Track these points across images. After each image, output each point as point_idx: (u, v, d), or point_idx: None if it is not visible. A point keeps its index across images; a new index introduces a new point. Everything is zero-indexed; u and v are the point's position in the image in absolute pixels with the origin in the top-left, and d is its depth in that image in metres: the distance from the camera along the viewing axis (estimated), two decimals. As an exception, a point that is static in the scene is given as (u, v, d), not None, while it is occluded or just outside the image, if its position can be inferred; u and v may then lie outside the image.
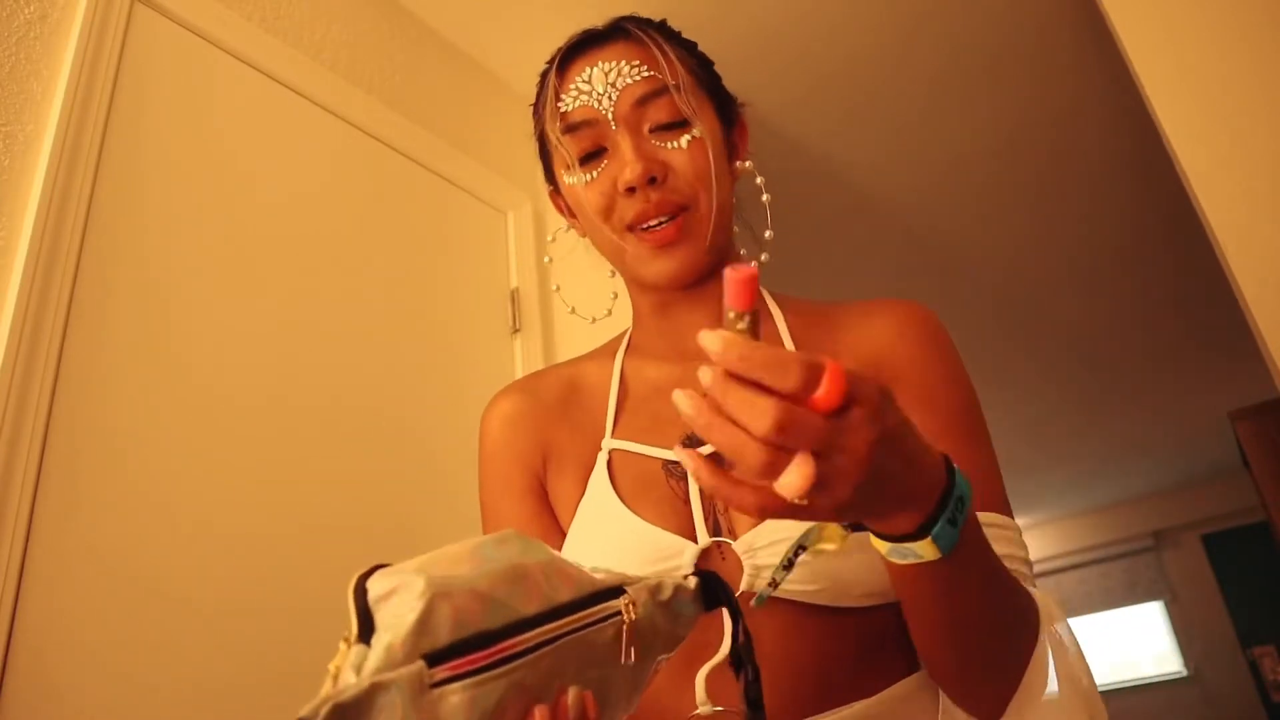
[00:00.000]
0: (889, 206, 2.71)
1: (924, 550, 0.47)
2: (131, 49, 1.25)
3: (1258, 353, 1.20)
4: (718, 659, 0.62)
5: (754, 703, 0.48)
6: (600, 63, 0.73)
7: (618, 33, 0.76)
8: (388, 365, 1.48)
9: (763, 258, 0.81)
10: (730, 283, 0.41)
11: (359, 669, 0.33)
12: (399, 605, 0.35)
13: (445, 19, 1.87)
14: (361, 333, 1.45)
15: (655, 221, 0.71)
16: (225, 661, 1.08)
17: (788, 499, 0.40)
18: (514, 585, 0.39)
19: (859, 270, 3.04)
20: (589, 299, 0.90)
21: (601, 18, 0.79)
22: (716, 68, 0.81)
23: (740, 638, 0.49)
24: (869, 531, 0.50)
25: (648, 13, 0.81)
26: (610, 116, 0.72)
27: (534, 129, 0.81)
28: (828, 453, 0.40)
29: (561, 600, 0.41)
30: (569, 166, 0.75)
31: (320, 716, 0.30)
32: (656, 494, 0.70)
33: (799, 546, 0.53)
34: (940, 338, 0.73)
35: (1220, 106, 1.25)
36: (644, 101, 0.72)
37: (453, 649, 0.35)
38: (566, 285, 0.90)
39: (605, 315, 0.84)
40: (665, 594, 0.47)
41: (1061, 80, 2.25)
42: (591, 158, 0.74)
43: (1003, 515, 0.65)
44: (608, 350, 0.85)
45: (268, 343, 1.30)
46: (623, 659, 0.43)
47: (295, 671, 1.11)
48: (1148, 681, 6.32)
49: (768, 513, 0.42)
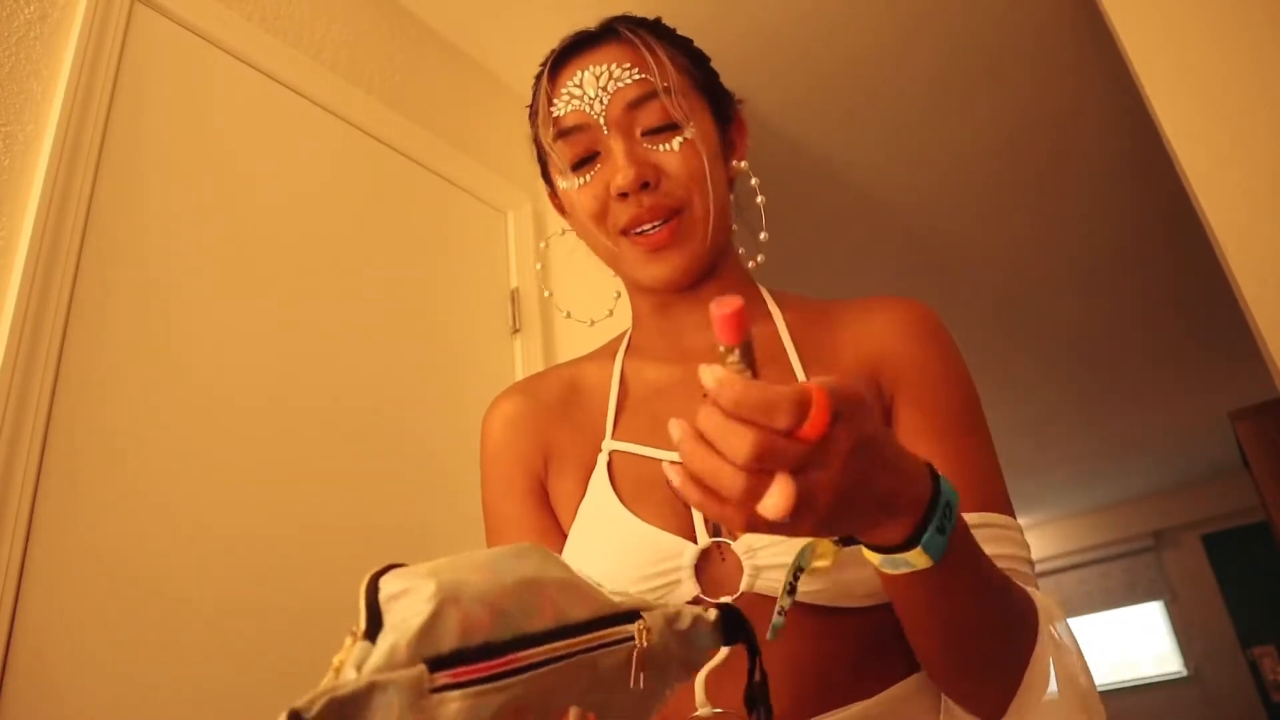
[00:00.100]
0: (889, 206, 2.71)
1: (916, 560, 0.47)
2: (131, 49, 1.25)
3: (1258, 353, 1.20)
4: (718, 660, 0.62)
5: (763, 708, 0.48)
6: (591, 66, 0.73)
7: (609, 34, 0.75)
8: (388, 365, 1.48)
9: (759, 259, 0.81)
10: (716, 319, 0.41)
11: (360, 666, 0.33)
12: (408, 607, 0.35)
13: (445, 19, 1.87)
14: (361, 333, 1.45)
15: (649, 226, 0.71)
16: (225, 661, 1.08)
17: (772, 519, 0.41)
18: (526, 600, 0.39)
19: (859, 270, 3.04)
20: (590, 299, 0.90)
21: (602, 17, 0.78)
22: (717, 68, 0.81)
23: (757, 676, 0.49)
24: (860, 545, 0.50)
25: (647, 12, 0.81)
26: (602, 121, 0.72)
27: (531, 131, 0.81)
28: (805, 469, 0.41)
29: (575, 619, 0.41)
30: (563, 173, 0.75)
31: (316, 708, 0.29)
32: (657, 495, 0.70)
33: (797, 568, 0.54)
34: (940, 335, 0.73)
35: (1220, 106, 1.25)
36: (635, 105, 0.72)
37: (456, 656, 0.35)
38: (567, 285, 0.90)
39: (607, 315, 0.84)
40: (683, 623, 0.46)
41: (1061, 80, 2.25)
42: (585, 162, 0.73)
43: (1004, 515, 0.65)
44: (608, 351, 0.85)
45: (268, 343, 1.30)
46: (631, 684, 0.42)
47: (295, 671, 1.11)
48: (1148, 681, 6.32)
49: (753, 529, 0.43)
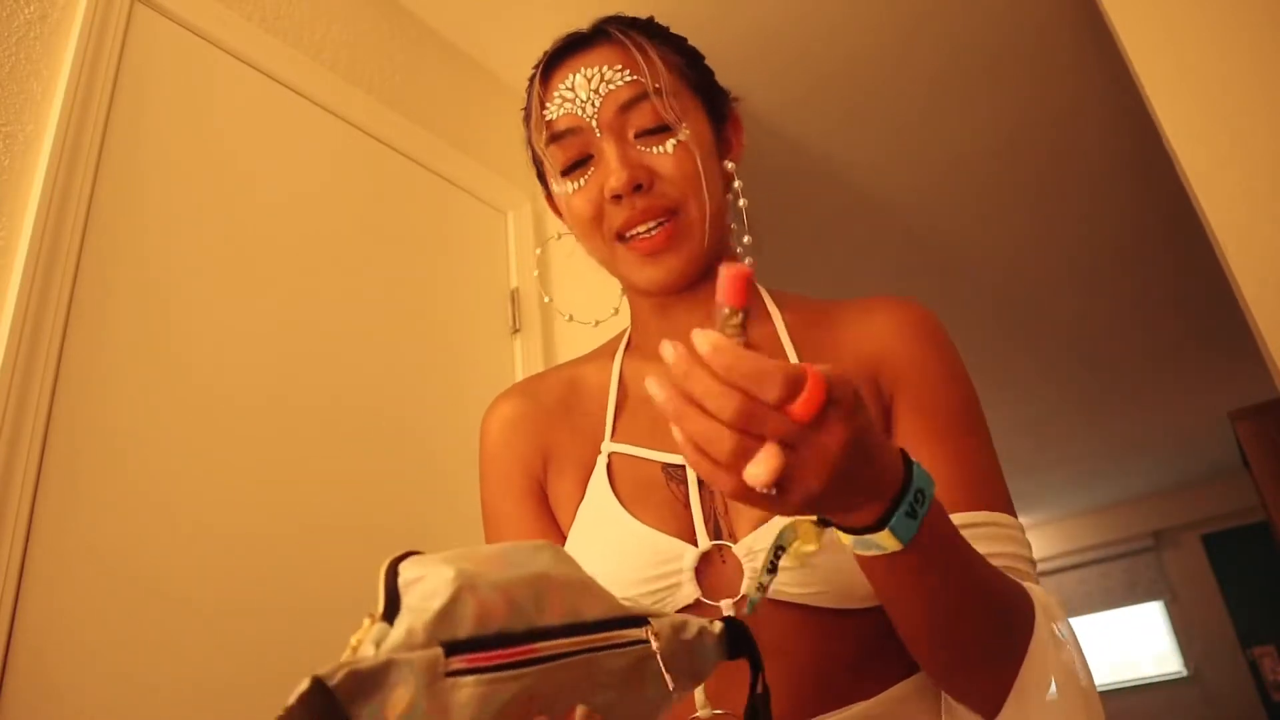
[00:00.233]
0: (889, 206, 2.71)
1: (885, 541, 0.48)
2: (131, 49, 1.25)
3: (1258, 353, 1.20)
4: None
5: (761, 712, 0.48)
6: (583, 69, 0.72)
7: (600, 35, 0.75)
8: (388, 365, 1.48)
9: (747, 262, 0.81)
10: (725, 278, 0.42)
11: (379, 644, 0.34)
12: (426, 591, 0.36)
13: (445, 19, 1.87)
14: (361, 333, 1.45)
15: (644, 228, 0.71)
16: (225, 661, 1.08)
17: (754, 488, 0.41)
18: (539, 594, 0.39)
19: (859, 270, 3.04)
20: (590, 299, 0.90)
21: (601, 16, 0.78)
22: (717, 68, 0.81)
23: (760, 688, 0.49)
24: (834, 528, 0.51)
25: (647, 12, 0.80)
26: (594, 124, 0.71)
27: (525, 136, 0.81)
28: (798, 447, 0.42)
29: (586, 618, 0.41)
30: (556, 177, 0.75)
31: (336, 679, 0.30)
32: (657, 497, 0.70)
33: (778, 548, 0.54)
34: (939, 336, 0.73)
35: (1220, 106, 1.25)
36: (628, 107, 0.71)
37: (472, 643, 0.35)
38: (567, 286, 0.90)
39: (613, 314, 0.84)
40: (689, 634, 0.46)
41: (1061, 80, 2.25)
42: (578, 165, 0.73)
43: (1004, 514, 0.65)
44: (607, 351, 0.85)
45: (268, 343, 1.30)
46: (669, 687, 0.43)
47: (295, 671, 1.10)
48: (1148, 681, 6.32)
49: (740, 498, 0.43)
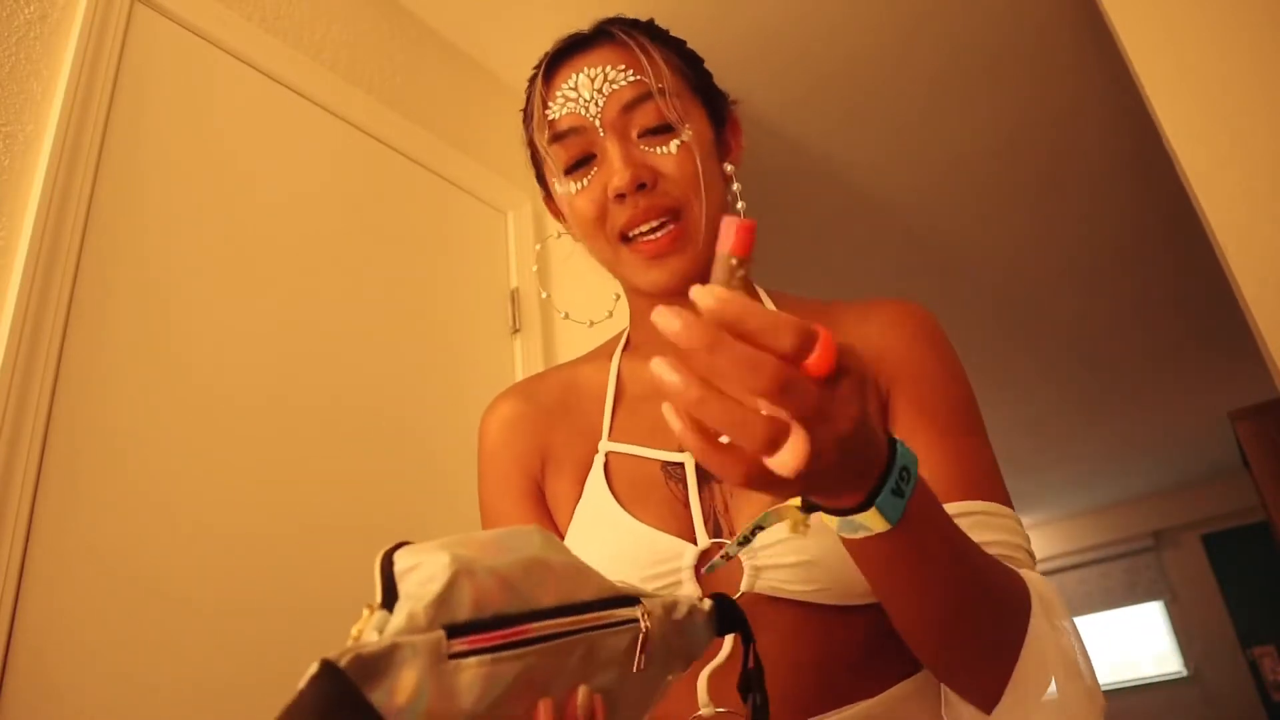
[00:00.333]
0: (889, 206, 2.71)
1: (871, 521, 0.46)
2: (131, 49, 1.25)
3: (1258, 353, 1.20)
4: (718, 661, 0.62)
5: (760, 711, 0.48)
6: (586, 68, 0.73)
7: (603, 36, 0.75)
8: (388, 365, 1.48)
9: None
10: (731, 227, 0.38)
11: (381, 630, 0.34)
12: (423, 577, 0.36)
13: (445, 19, 1.87)
14: (361, 333, 1.45)
15: (646, 227, 0.71)
16: (225, 661, 1.08)
17: (782, 476, 0.38)
18: (533, 577, 0.39)
19: (859, 270, 3.04)
20: (589, 300, 0.90)
21: (601, 17, 0.78)
22: (717, 69, 0.81)
23: (751, 663, 0.49)
24: (820, 511, 0.48)
25: (647, 13, 0.81)
26: (598, 123, 0.72)
27: (525, 137, 0.80)
28: (815, 423, 0.39)
29: (580, 598, 0.41)
30: (559, 177, 0.75)
31: (343, 663, 0.30)
32: (656, 496, 0.70)
33: (756, 526, 0.51)
34: (936, 336, 0.73)
35: (1220, 106, 1.25)
36: (631, 107, 0.72)
37: (472, 625, 0.35)
38: (567, 287, 0.90)
39: (607, 317, 0.84)
40: (680, 613, 0.47)
41: (1061, 80, 2.25)
42: (581, 165, 0.73)
43: (1001, 505, 0.65)
44: (605, 351, 0.85)
45: (268, 343, 1.30)
46: (635, 667, 0.43)
47: (295, 671, 1.10)
48: (1148, 681, 6.32)
49: (752, 484, 0.40)
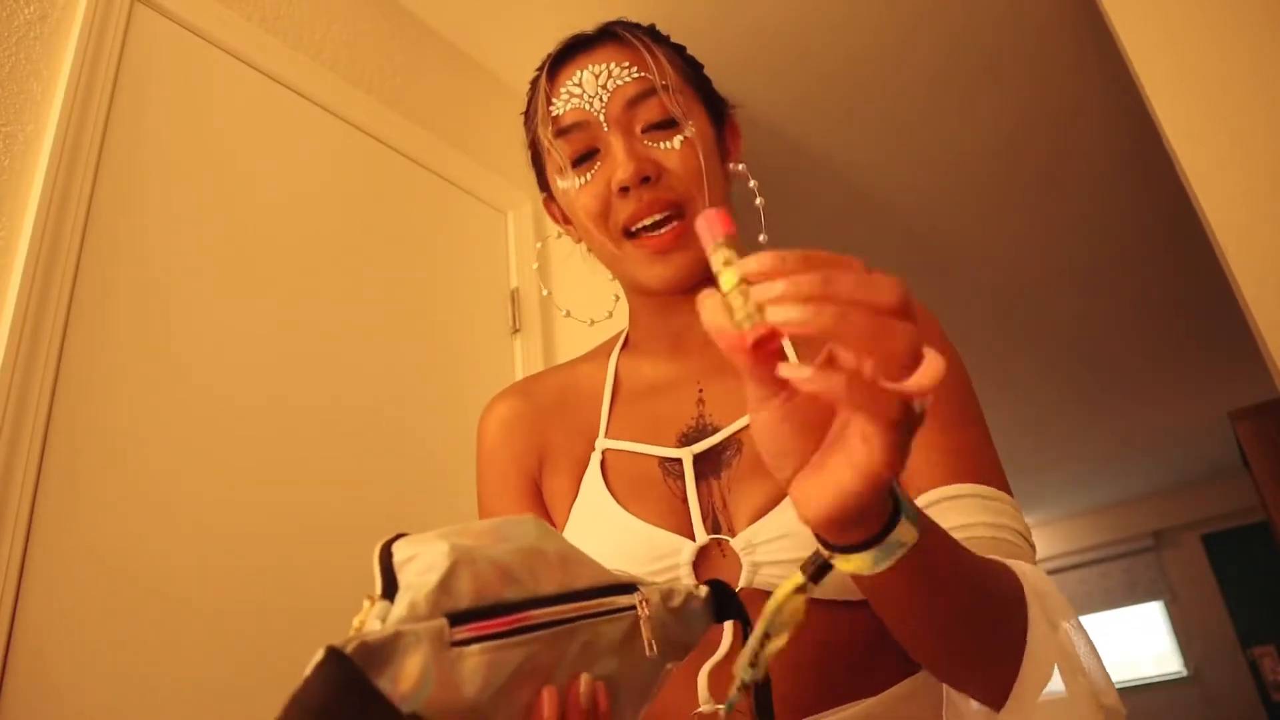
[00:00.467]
0: (889, 206, 2.71)
1: (905, 534, 0.43)
2: (131, 49, 1.25)
3: (1258, 353, 1.20)
4: (719, 656, 0.62)
5: (764, 709, 0.48)
6: (590, 66, 0.73)
7: (606, 36, 0.76)
8: (388, 365, 1.48)
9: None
10: (705, 220, 0.37)
11: (383, 619, 0.34)
12: (422, 567, 0.36)
13: (445, 19, 1.87)
14: (361, 333, 1.45)
15: (650, 220, 0.71)
16: (225, 661, 1.08)
17: (921, 394, 0.35)
18: (531, 565, 0.39)
19: (859, 270, 3.03)
20: (588, 301, 0.90)
21: (602, 18, 0.79)
22: (717, 69, 0.81)
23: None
24: (827, 568, 0.44)
25: (648, 13, 0.81)
26: (602, 118, 0.72)
27: (526, 137, 0.81)
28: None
29: (578, 586, 0.41)
30: (562, 171, 0.75)
31: (349, 649, 0.30)
32: (654, 493, 0.70)
33: (764, 635, 0.46)
34: (936, 335, 0.74)
35: (1220, 106, 1.25)
36: (635, 102, 0.72)
37: (473, 613, 0.36)
38: (566, 288, 0.90)
39: (606, 317, 0.84)
40: (677, 600, 0.47)
41: (1061, 80, 2.25)
42: (584, 160, 0.74)
43: (999, 491, 0.64)
44: (603, 351, 0.85)
45: (268, 343, 1.30)
46: (646, 651, 0.43)
47: (295, 671, 1.10)
48: (1148, 681, 6.31)
49: (895, 423, 0.36)
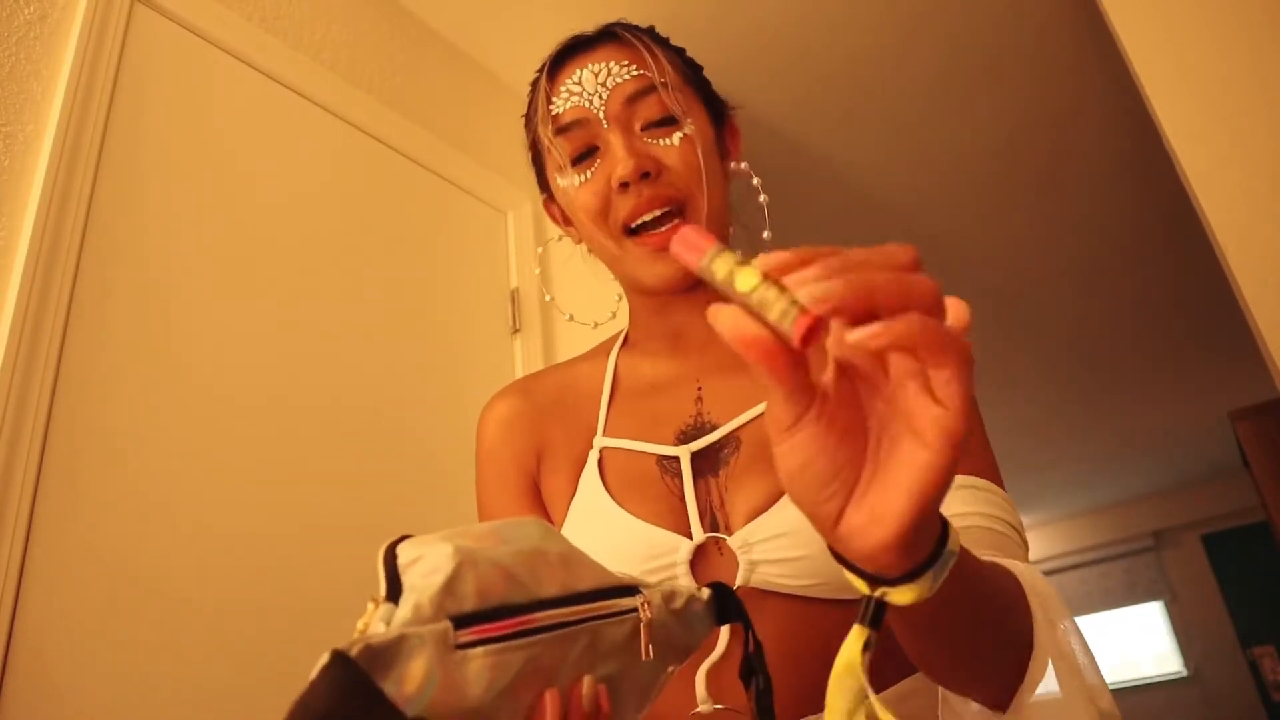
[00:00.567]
0: (889, 206, 2.71)
1: (954, 543, 0.40)
2: (131, 49, 1.25)
3: (1258, 353, 1.20)
4: (715, 656, 0.62)
5: (765, 710, 0.48)
6: (590, 64, 0.74)
7: (607, 36, 0.77)
8: (388, 365, 1.48)
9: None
10: (682, 241, 0.36)
11: (388, 622, 0.34)
12: (427, 569, 0.36)
13: (445, 19, 1.87)
14: (361, 333, 1.45)
15: (650, 217, 0.72)
16: (225, 661, 1.08)
17: (963, 327, 0.34)
18: (534, 567, 0.39)
19: (859, 270, 3.03)
20: (589, 302, 0.90)
21: (602, 18, 0.79)
22: (717, 69, 0.82)
23: (751, 647, 0.49)
24: (883, 609, 0.39)
25: (649, 13, 0.81)
26: (602, 115, 0.73)
27: (527, 138, 0.81)
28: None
29: (581, 588, 0.41)
30: (562, 169, 0.75)
31: (354, 651, 0.30)
32: (652, 491, 0.70)
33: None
34: None
35: (1220, 106, 1.25)
36: (634, 100, 0.73)
37: (477, 616, 0.36)
38: (567, 289, 0.90)
39: (610, 318, 0.84)
40: (678, 602, 0.47)
41: (1061, 80, 2.25)
42: (584, 158, 0.74)
43: (994, 485, 0.65)
44: (603, 349, 0.85)
45: (268, 343, 1.30)
46: (643, 656, 0.43)
47: (295, 671, 1.11)
48: (1148, 681, 6.32)
49: (970, 359, 0.34)
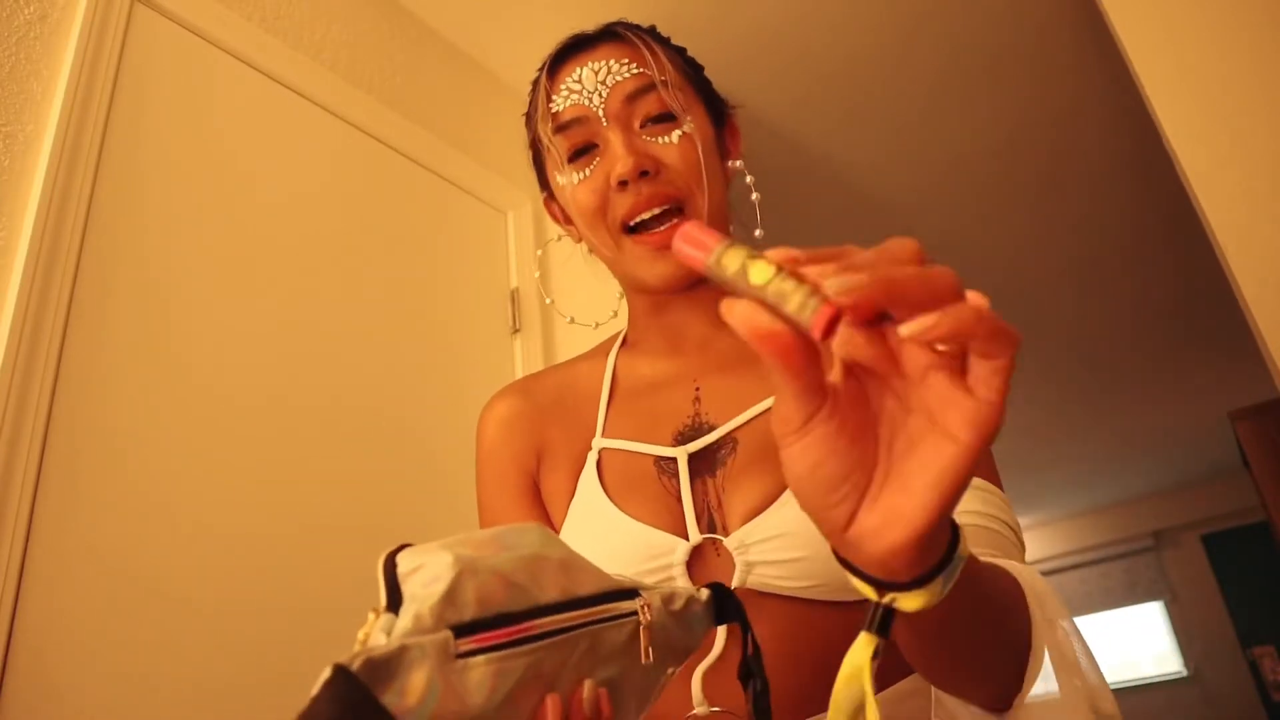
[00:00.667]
0: (889, 206, 2.71)
1: (964, 546, 0.39)
2: (131, 49, 1.25)
3: (1258, 353, 1.20)
4: (712, 658, 0.62)
5: (762, 712, 0.48)
6: (590, 63, 0.74)
7: (607, 35, 0.77)
8: (388, 365, 1.48)
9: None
10: (692, 230, 0.34)
11: (389, 633, 0.34)
12: (427, 578, 0.36)
13: (445, 19, 1.87)
14: (361, 333, 1.45)
15: (649, 215, 0.71)
16: (225, 661, 1.08)
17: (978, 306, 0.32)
18: (534, 573, 0.39)
19: (859, 270, 3.03)
20: (590, 302, 0.90)
21: (602, 18, 0.79)
22: (717, 69, 0.82)
23: (750, 649, 0.49)
24: (890, 615, 0.38)
25: (648, 13, 0.81)
26: (601, 113, 0.73)
27: (527, 136, 0.81)
28: None
29: (581, 593, 0.41)
30: (561, 167, 0.75)
31: (354, 667, 0.30)
32: (649, 491, 0.70)
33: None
34: None
35: (1220, 106, 1.25)
36: (634, 97, 0.73)
37: (477, 624, 0.36)
38: (567, 289, 0.90)
39: (611, 317, 0.84)
40: (678, 604, 0.47)
41: (1061, 80, 2.25)
42: (583, 155, 0.74)
43: (993, 485, 0.65)
44: (603, 349, 0.85)
45: (268, 343, 1.30)
46: (643, 659, 0.43)
47: (295, 671, 1.11)
48: (1148, 681, 6.32)
49: (1017, 342, 0.32)
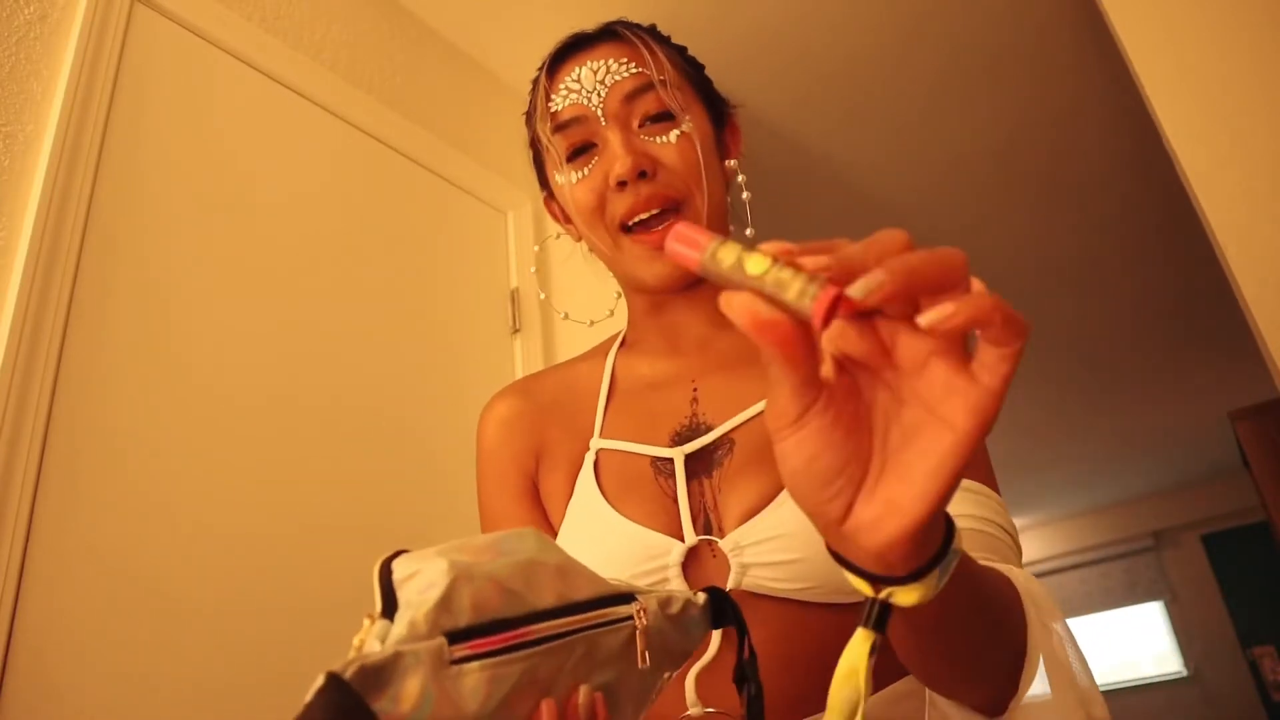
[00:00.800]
0: (889, 206, 2.71)
1: (958, 540, 0.39)
2: (131, 49, 1.25)
3: (1258, 353, 1.20)
4: (706, 660, 0.62)
5: (756, 716, 0.48)
6: (589, 62, 0.74)
7: (606, 35, 0.76)
8: (388, 365, 1.48)
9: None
10: (677, 240, 0.34)
11: (383, 640, 0.34)
12: (422, 584, 0.36)
13: (445, 19, 1.87)
14: (361, 333, 1.45)
15: (647, 214, 0.71)
16: (225, 661, 1.08)
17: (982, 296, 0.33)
18: (530, 579, 0.40)
19: (859, 270, 3.03)
20: (589, 301, 0.90)
21: (602, 17, 0.79)
22: (717, 69, 0.82)
23: (746, 654, 0.49)
24: (888, 610, 0.38)
25: (648, 13, 0.81)
26: (600, 113, 0.73)
27: (527, 135, 0.81)
28: None
29: (577, 598, 0.41)
30: (559, 166, 0.75)
31: (348, 674, 0.30)
32: (646, 492, 0.70)
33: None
34: None
35: (1220, 106, 1.25)
36: (633, 97, 0.73)
37: (472, 630, 0.36)
38: (566, 287, 0.90)
39: (608, 315, 0.84)
40: (674, 608, 0.47)
41: (1061, 80, 2.25)
42: (581, 154, 0.74)
43: (989, 489, 0.64)
44: (602, 349, 0.85)
45: (268, 343, 1.30)
46: (639, 663, 0.43)
47: (295, 671, 1.11)
48: (1148, 681, 6.32)
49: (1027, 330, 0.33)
